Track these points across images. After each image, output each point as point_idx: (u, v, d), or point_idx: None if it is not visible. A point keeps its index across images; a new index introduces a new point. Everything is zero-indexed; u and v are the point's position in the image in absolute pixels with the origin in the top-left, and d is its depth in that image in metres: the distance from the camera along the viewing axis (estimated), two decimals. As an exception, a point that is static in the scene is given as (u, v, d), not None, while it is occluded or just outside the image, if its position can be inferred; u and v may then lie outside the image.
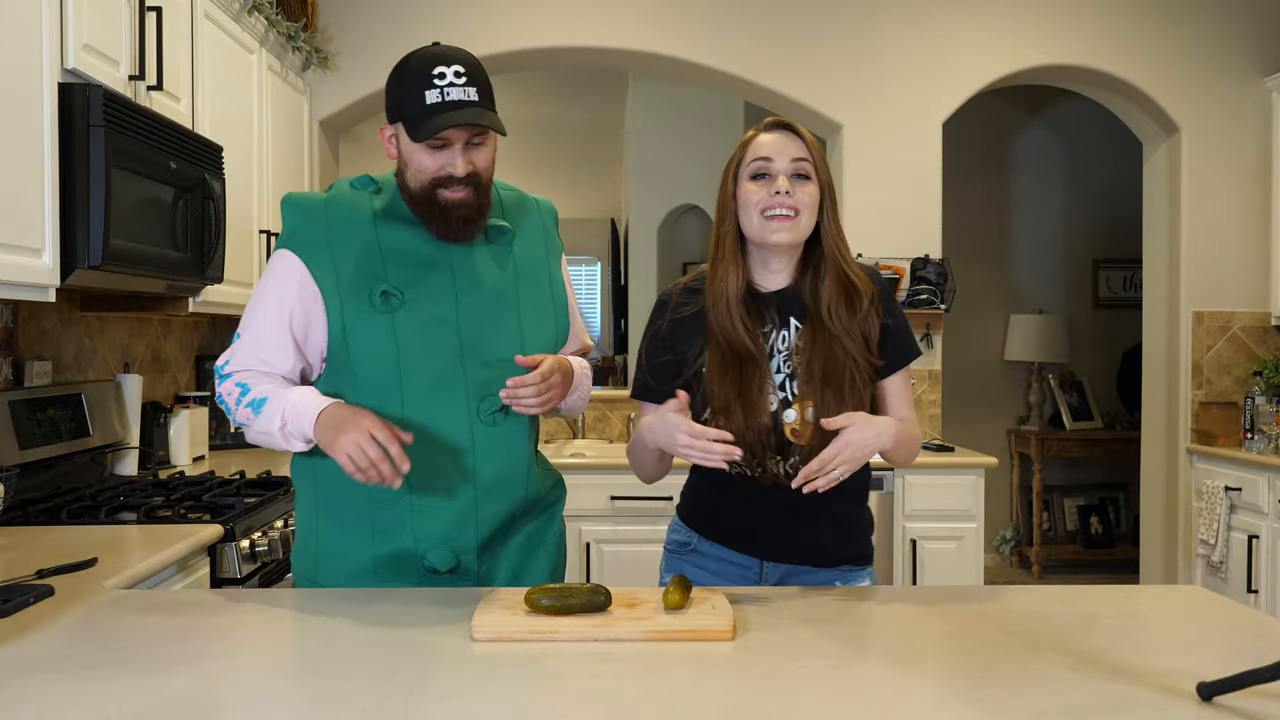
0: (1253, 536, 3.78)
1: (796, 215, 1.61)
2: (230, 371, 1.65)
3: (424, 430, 1.59)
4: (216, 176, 2.72)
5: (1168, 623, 1.42)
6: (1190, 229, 4.28)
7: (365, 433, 1.47)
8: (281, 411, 1.56)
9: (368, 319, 1.58)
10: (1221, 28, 4.27)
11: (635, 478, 1.81)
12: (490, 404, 1.63)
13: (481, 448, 1.63)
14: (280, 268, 1.62)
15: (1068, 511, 5.83)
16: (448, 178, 1.56)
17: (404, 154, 1.60)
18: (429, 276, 1.61)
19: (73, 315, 2.78)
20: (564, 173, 8.88)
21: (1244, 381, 4.24)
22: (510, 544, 1.71)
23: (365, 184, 1.67)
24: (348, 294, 1.58)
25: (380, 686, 1.12)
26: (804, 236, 1.64)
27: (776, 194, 1.61)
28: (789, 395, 1.62)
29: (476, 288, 1.64)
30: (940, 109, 4.17)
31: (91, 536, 2.02)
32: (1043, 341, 5.60)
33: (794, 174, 1.63)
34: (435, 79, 1.53)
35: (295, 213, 1.64)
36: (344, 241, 1.60)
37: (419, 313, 1.60)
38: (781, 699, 1.09)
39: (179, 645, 1.27)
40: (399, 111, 1.57)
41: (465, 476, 1.63)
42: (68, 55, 2.11)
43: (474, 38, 3.89)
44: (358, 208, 1.63)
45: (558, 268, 1.77)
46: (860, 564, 1.75)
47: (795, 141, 1.64)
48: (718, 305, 1.64)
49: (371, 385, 1.60)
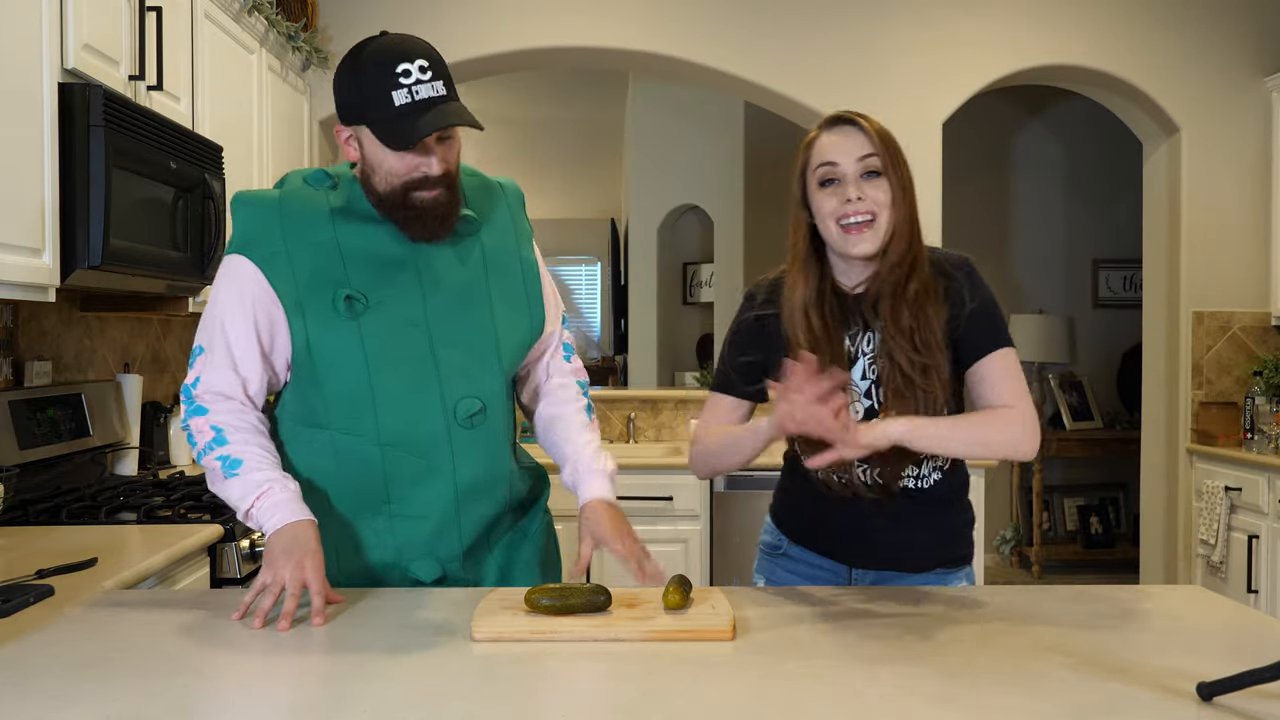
0: (1253, 536, 3.78)
1: (874, 220, 1.52)
2: (202, 400, 1.52)
3: (400, 438, 1.53)
4: (216, 176, 2.72)
5: (1168, 623, 1.42)
6: (1190, 229, 4.28)
7: (298, 579, 1.37)
8: (255, 499, 1.45)
9: (332, 327, 1.49)
10: (1221, 28, 4.27)
11: (635, 477, 1.80)
12: (467, 406, 1.56)
13: (460, 452, 1.56)
14: (237, 274, 1.51)
15: (1068, 511, 5.83)
16: (422, 179, 1.47)
17: (370, 157, 1.49)
18: (394, 276, 1.52)
19: (73, 315, 2.78)
20: (564, 173, 8.88)
21: (1244, 381, 4.23)
22: (495, 546, 1.66)
23: (320, 179, 1.55)
24: (309, 302, 1.49)
25: (380, 686, 1.12)
26: (886, 240, 1.53)
27: (849, 201, 1.51)
28: (875, 404, 1.57)
29: (445, 284, 1.55)
30: (940, 109, 4.17)
31: (91, 536, 2.02)
32: (1043, 341, 5.59)
33: (863, 173, 1.53)
34: (400, 77, 1.43)
35: (248, 215, 1.52)
36: (301, 245, 1.50)
37: (386, 315, 1.51)
38: (781, 699, 1.09)
39: (179, 645, 1.27)
40: (361, 114, 1.46)
41: (445, 483, 1.56)
42: (68, 55, 2.11)
43: (473, 38, 3.89)
44: (314, 206, 1.52)
45: (529, 253, 1.67)
46: (955, 565, 1.69)
47: (857, 136, 1.54)
48: (788, 316, 1.59)
49: (341, 396, 1.52)
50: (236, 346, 1.51)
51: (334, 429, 1.55)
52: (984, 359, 1.57)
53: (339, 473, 1.57)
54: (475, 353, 1.57)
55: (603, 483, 1.62)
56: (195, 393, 1.53)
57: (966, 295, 1.57)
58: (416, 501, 1.57)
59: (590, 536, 1.58)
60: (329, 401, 1.54)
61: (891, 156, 1.54)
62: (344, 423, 1.54)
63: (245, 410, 1.54)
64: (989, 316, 1.58)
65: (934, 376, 1.53)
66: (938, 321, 1.54)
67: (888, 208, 1.53)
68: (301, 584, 1.38)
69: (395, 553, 1.58)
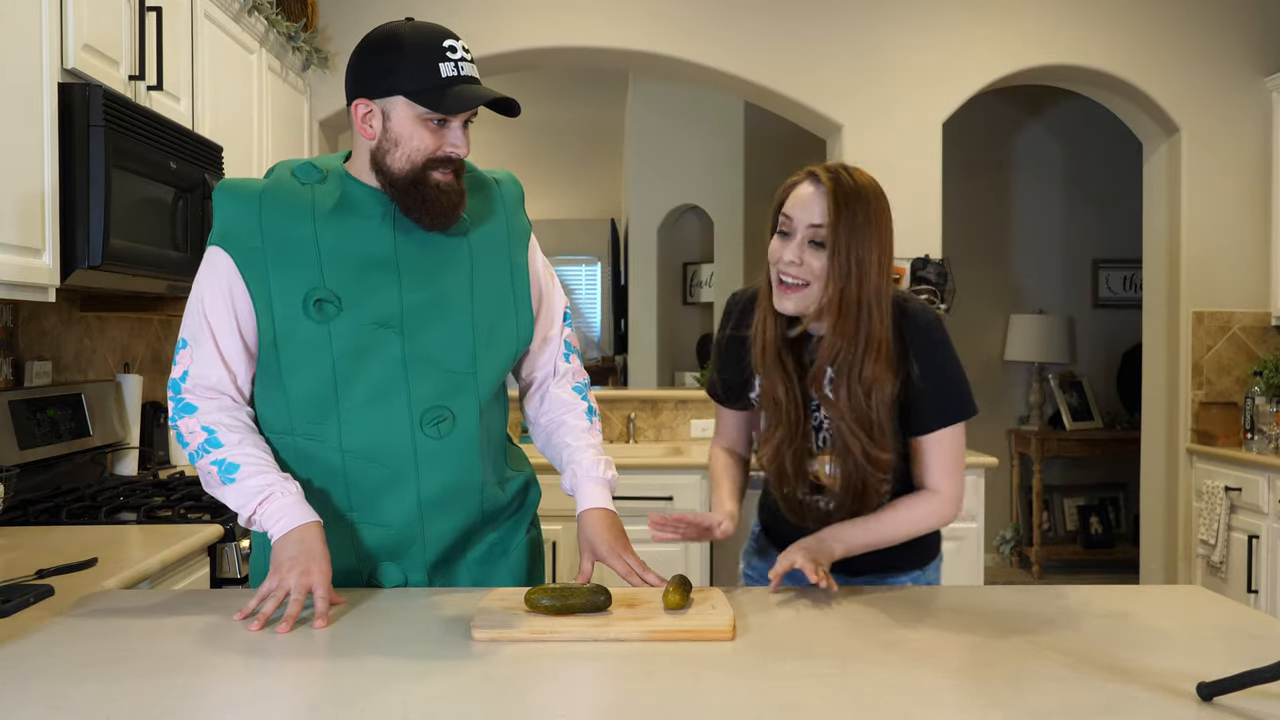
0: (1253, 537, 3.78)
1: (806, 286, 1.52)
2: (190, 396, 1.49)
3: (362, 446, 1.50)
4: (216, 176, 2.72)
5: (1168, 623, 1.42)
6: (1190, 229, 4.28)
7: (303, 585, 1.36)
8: (257, 505, 1.44)
9: (300, 328, 1.46)
10: (1221, 28, 4.27)
11: (635, 477, 1.83)
12: (434, 414, 1.50)
13: (425, 463, 1.51)
14: (215, 266, 1.48)
15: (1068, 511, 5.83)
16: (445, 158, 1.45)
17: (395, 131, 1.45)
18: (371, 276, 1.48)
19: (73, 315, 2.78)
20: (564, 173, 8.88)
21: (1244, 381, 4.23)
22: (469, 556, 1.61)
23: (308, 172, 1.52)
24: (279, 301, 1.46)
25: (380, 686, 1.12)
26: (813, 306, 1.53)
27: (788, 260, 1.52)
28: (814, 446, 1.63)
29: (425, 286, 1.50)
30: (940, 109, 4.17)
31: (91, 536, 2.02)
32: (1043, 341, 5.59)
33: (809, 239, 1.52)
34: (448, 52, 1.43)
35: (227, 206, 1.49)
36: (278, 241, 1.46)
37: (358, 317, 1.47)
38: (781, 699, 1.09)
39: (179, 645, 1.27)
40: (397, 85, 1.43)
41: (408, 493, 1.52)
42: (68, 55, 2.11)
43: (474, 38, 3.89)
44: (297, 200, 1.49)
45: (522, 254, 1.60)
46: (905, 570, 1.71)
47: (817, 203, 1.51)
48: (757, 349, 1.62)
49: (304, 397, 1.49)
50: (221, 338, 1.49)
51: (296, 434, 1.52)
52: (924, 437, 1.61)
53: (300, 478, 1.52)
54: (449, 360, 1.51)
55: (600, 491, 1.60)
56: (184, 388, 1.50)
57: (917, 367, 1.56)
58: (379, 510, 1.53)
59: (589, 552, 1.58)
60: (292, 404, 1.50)
61: (846, 229, 1.49)
62: (306, 428, 1.51)
63: (235, 407, 1.51)
64: (940, 392, 1.58)
65: (884, 469, 1.57)
66: (889, 402, 1.55)
67: (821, 279, 1.51)
68: (306, 590, 1.37)
69: (357, 559, 1.55)
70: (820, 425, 1.63)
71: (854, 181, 1.52)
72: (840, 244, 1.49)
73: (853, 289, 1.51)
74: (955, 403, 1.59)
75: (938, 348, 1.58)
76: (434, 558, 1.57)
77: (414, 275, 1.50)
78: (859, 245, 1.50)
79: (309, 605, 1.39)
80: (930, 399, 1.57)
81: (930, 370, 1.56)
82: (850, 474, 1.59)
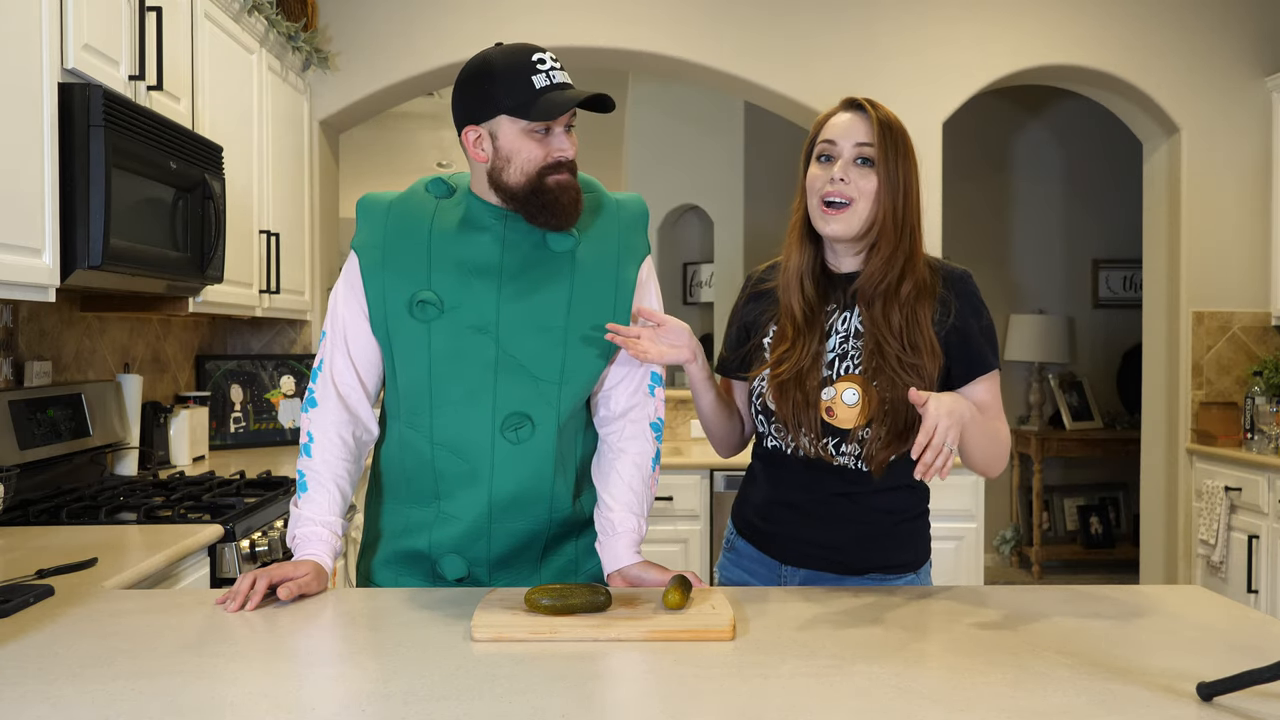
0: (1253, 537, 3.78)
1: (852, 204, 1.53)
2: (318, 393, 1.63)
3: (450, 439, 1.60)
4: (216, 176, 2.72)
5: (1168, 623, 1.42)
6: (1190, 229, 4.28)
7: (273, 574, 1.48)
8: (298, 532, 1.60)
9: (405, 326, 1.58)
10: (1221, 28, 4.27)
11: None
12: (515, 420, 1.59)
13: (500, 465, 1.59)
14: (349, 269, 1.64)
15: (1068, 511, 5.83)
16: (557, 163, 1.54)
17: (505, 148, 1.53)
18: (473, 283, 1.58)
19: (73, 315, 2.78)
20: (564, 173, 8.85)
21: (1244, 382, 4.24)
22: (544, 568, 1.67)
23: (439, 187, 1.64)
24: (390, 300, 1.58)
25: (380, 686, 1.12)
26: (861, 228, 1.55)
27: (833, 180, 1.53)
28: (833, 375, 1.57)
29: (524, 296, 1.58)
30: (940, 109, 4.17)
31: (91, 536, 2.02)
32: (1043, 341, 5.60)
33: (857, 158, 1.54)
34: (537, 65, 1.52)
35: (363, 216, 1.65)
36: (397, 246, 1.59)
37: (457, 321, 1.57)
38: (781, 699, 1.09)
39: (179, 645, 1.27)
40: (497, 105, 1.52)
41: (480, 492, 1.61)
42: (68, 55, 2.11)
43: (474, 38, 3.89)
44: (420, 210, 1.62)
45: (632, 272, 1.64)
46: (892, 571, 1.65)
47: (862, 123, 1.55)
48: (784, 284, 1.63)
49: (407, 390, 1.61)
50: (350, 333, 1.63)
51: (401, 421, 1.64)
52: (969, 384, 1.59)
53: (400, 461, 1.65)
54: (538, 368, 1.58)
55: (629, 555, 1.63)
56: (320, 378, 1.64)
57: (955, 311, 1.57)
58: (456, 502, 1.62)
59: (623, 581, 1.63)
60: (399, 393, 1.63)
61: (893, 150, 1.54)
62: (409, 417, 1.62)
63: (343, 423, 1.63)
64: (979, 338, 1.58)
65: (922, 377, 1.53)
66: (929, 324, 1.55)
67: (870, 197, 1.54)
68: (271, 581, 1.46)
69: (429, 545, 1.64)
70: (841, 356, 1.58)
71: (889, 112, 1.59)
72: (889, 160, 1.53)
73: (900, 206, 1.54)
74: (991, 348, 1.61)
75: (974, 296, 1.61)
76: (497, 556, 1.64)
77: (515, 285, 1.59)
78: (903, 162, 1.54)
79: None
80: (974, 342, 1.58)
81: (973, 316, 1.59)
82: (883, 390, 1.51)
